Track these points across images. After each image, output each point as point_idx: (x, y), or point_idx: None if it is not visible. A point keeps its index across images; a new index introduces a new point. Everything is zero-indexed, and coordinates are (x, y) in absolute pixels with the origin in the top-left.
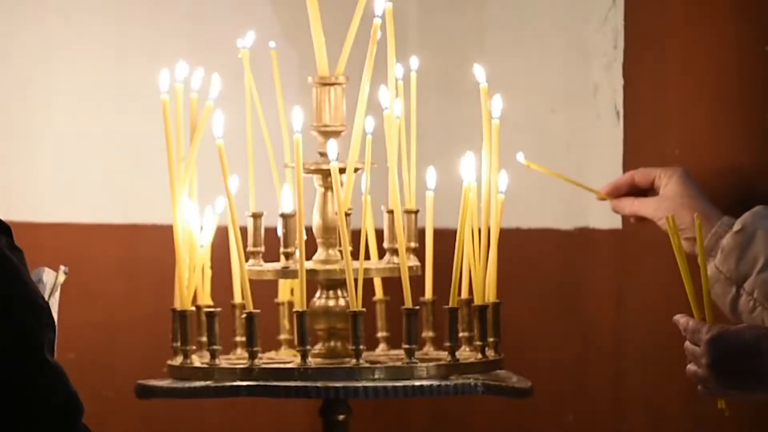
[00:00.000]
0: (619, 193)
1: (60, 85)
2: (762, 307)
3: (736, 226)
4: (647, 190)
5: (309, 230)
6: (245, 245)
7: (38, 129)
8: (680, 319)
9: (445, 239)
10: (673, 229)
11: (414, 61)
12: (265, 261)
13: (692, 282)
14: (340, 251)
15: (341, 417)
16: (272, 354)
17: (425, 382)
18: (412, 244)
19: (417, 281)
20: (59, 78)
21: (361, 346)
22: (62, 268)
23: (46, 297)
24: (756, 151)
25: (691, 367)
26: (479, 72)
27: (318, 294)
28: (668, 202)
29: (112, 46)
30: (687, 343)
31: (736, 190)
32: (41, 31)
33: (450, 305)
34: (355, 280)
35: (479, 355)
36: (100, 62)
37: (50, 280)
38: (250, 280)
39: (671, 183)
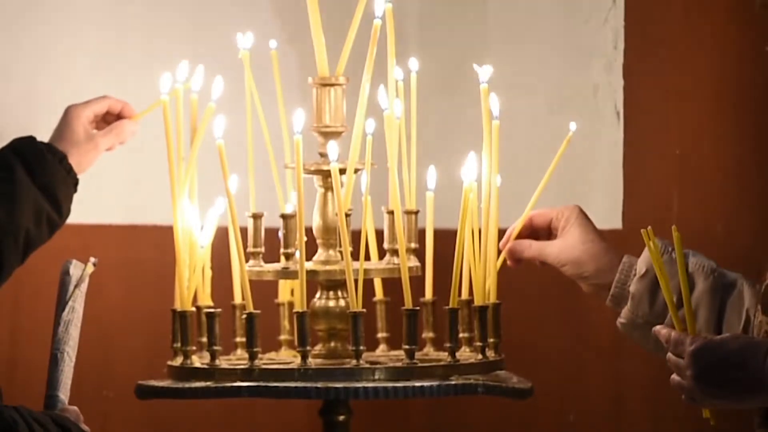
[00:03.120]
0: (520, 237)
1: (60, 86)
2: None
3: (640, 270)
4: (543, 232)
5: (309, 231)
6: (245, 246)
7: (39, 130)
8: (661, 330)
9: (446, 240)
10: (649, 244)
11: (414, 62)
12: (266, 261)
13: (672, 294)
14: (341, 252)
15: (341, 417)
16: (272, 355)
17: (425, 383)
18: (413, 245)
19: (417, 282)
20: (60, 79)
21: (362, 347)
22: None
23: (71, 289)
24: (756, 150)
25: (675, 377)
26: (480, 71)
27: (318, 294)
28: (570, 249)
29: (112, 46)
30: (669, 355)
31: (736, 190)
32: (42, 32)
33: (450, 306)
34: (356, 281)
35: (479, 356)
36: (99, 62)
37: (77, 272)
38: (251, 281)
39: (569, 226)
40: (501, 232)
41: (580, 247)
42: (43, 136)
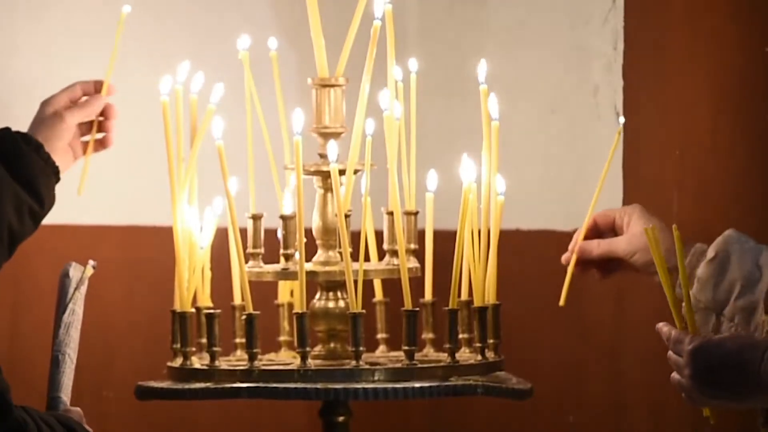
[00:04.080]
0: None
1: (60, 87)
2: (745, 332)
3: (710, 254)
4: (608, 233)
5: (309, 232)
6: (245, 247)
7: None
8: (663, 327)
9: (445, 241)
10: (653, 241)
11: (414, 63)
12: (265, 262)
13: (674, 292)
14: (340, 253)
15: (341, 418)
16: (272, 355)
17: (425, 384)
18: (412, 246)
19: (417, 283)
20: (60, 80)
21: (361, 348)
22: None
23: (71, 291)
24: (756, 150)
25: (674, 376)
26: (481, 71)
27: (318, 295)
28: (639, 237)
29: (112, 46)
30: (670, 353)
31: (735, 190)
32: (42, 34)
33: (450, 307)
34: (355, 282)
35: (479, 357)
36: (99, 63)
37: (77, 274)
38: (250, 282)
39: (634, 220)
40: (503, 233)
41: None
42: None
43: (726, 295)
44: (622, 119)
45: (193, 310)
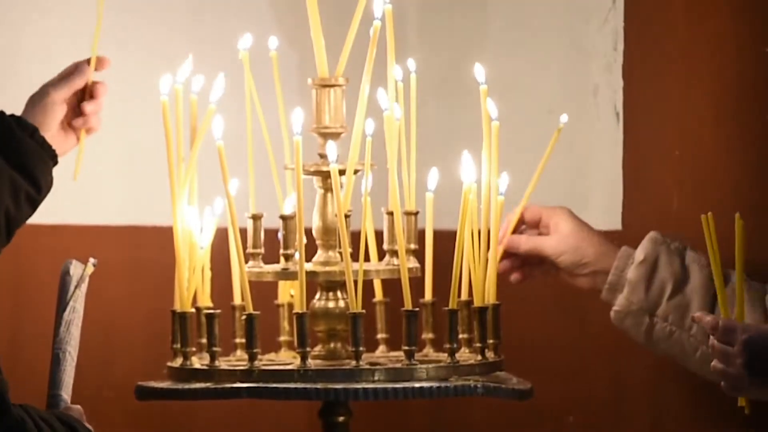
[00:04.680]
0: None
1: None
2: (680, 330)
3: (638, 257)
4: (530, 230)
5: (309, 232)
6: (245, 247)
7: None
8: (704, 317)
9: (445, 241)
10: (708, 231)
11: (413, 63)
12: (265, 263)
13: (723, 281)
14: (340, 253)
15: (341, 419)
16: (272, 356)
17: (425, 384)
18: (412, 246)
19: (417, 283)
20: None
21: (361, 348)
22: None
23: (71, 289)
24: (755, 151)
25: (718, 365)
26: (479, 72)
27: (318, 295)
28: (568, 239)
29: (112, 47)
30: (714, 342)
31: (735, 191)
32: (42, 34)
33: (450, 307)
34: (355, 282)
35: (479, 357)
36: None
37: (77, 272)
38: (250, 282)
39: (562, 221)
40: None
41: (578, 235)
42: None
43: (658, 295)
44: (564, 117)
45: (193, 310)
